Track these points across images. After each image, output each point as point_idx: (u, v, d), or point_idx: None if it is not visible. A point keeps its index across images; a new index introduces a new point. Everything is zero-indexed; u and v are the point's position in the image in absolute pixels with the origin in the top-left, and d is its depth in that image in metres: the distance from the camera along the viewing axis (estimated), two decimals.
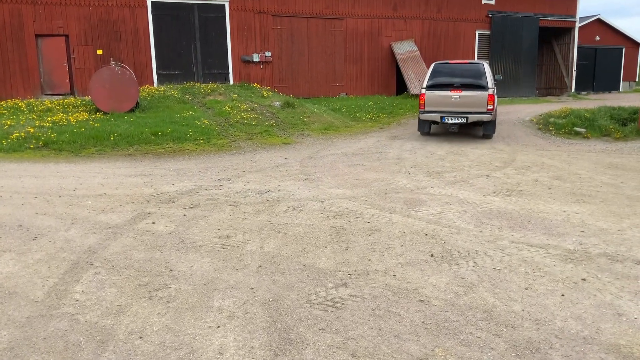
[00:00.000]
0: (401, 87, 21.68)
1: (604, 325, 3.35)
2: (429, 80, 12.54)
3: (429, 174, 8.59)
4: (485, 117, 12.07)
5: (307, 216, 6.02)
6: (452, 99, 12.15)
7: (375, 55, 21.61)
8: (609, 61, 32.15)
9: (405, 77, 20.74)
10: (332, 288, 3.99)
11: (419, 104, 12.61)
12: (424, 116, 12.60)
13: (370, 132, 14.31)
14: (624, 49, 32.95)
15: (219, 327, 3.40)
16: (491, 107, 11.96)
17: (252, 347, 3.14)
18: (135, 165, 9.56)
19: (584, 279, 4.09)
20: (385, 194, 7.18)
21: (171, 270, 4.40)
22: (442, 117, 12.29)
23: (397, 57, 21.27)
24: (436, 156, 10.49)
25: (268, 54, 19.62)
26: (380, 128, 15.05)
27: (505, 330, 3.31)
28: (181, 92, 16.24)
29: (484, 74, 12.32)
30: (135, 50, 17.98)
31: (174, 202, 6.76)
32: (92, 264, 4.53)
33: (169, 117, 13.21)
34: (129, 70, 13.99)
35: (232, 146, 11.57)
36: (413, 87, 20.47)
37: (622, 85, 33.34)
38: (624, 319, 3.43)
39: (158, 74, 18.42)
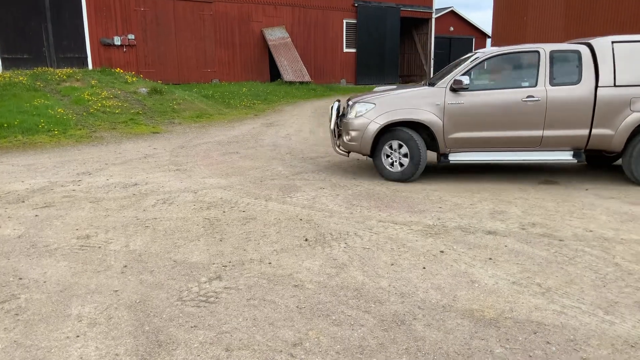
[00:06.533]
0: (275, 73, 21.68)
1: (459, 293, 3.66)
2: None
3: (304, 160, 8.72)
4: None
5: (179, 209, 5.76)
6: None
7: (247, 40, 21.32)
8: (462, 50, 35.33)
9: (278, 64, 20.78)
10: (205, 282, 3.86)
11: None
12: None
13: (245, 120, 14.12)
14: (474, 39, 36.46)
15: (78, 336, 3.10)
16: None
17: (116, 355, 2.91)
18: None
19: (442, 252, 4.44)
20: (261, 181, 7.14)
21: (20, 278, 3.92)
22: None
23: (269, 43, 21.22)
24: (310, 142, 10.68)
25: (131, 36, 18.35)
26: (255, 115, 14.92)
27: (373, 306, 3.47)
28: (31, 79, 14.53)
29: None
30: None
31: (23, 201, 6.04)
32: None
33: (17, 106, 11.77)
34: None
35: (93, 137, 10.67)
36: (286, 74, 20.60)
37: None
38: (476, 285, 3.79)
39: (2, 59, 16.30)
